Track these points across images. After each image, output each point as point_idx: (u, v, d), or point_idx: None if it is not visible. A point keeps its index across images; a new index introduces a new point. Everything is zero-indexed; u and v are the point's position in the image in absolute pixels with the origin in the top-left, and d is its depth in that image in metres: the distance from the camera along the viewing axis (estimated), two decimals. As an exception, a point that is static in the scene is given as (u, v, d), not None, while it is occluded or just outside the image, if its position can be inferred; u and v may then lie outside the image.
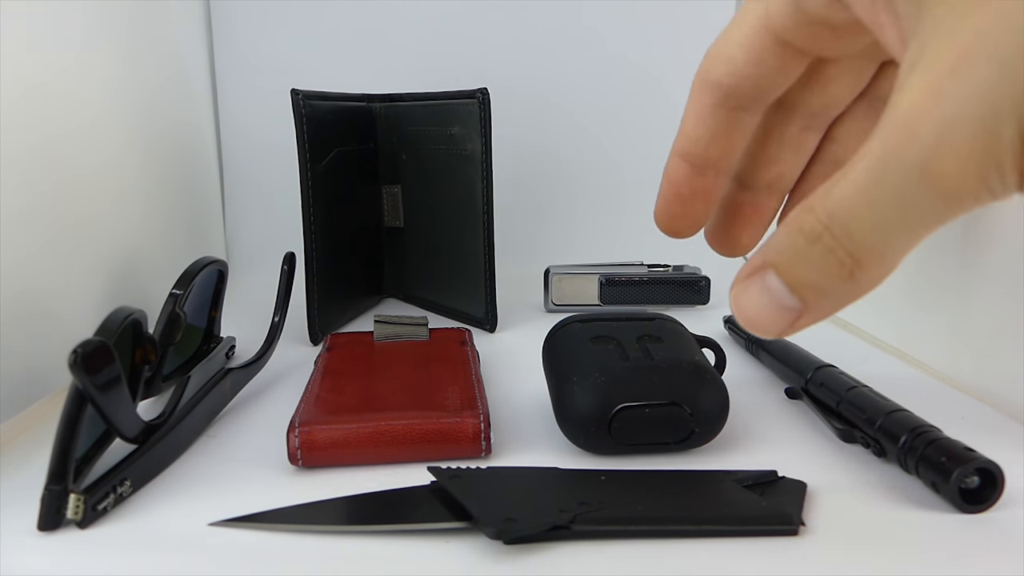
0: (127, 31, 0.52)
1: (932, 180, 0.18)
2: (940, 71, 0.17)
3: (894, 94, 0.19)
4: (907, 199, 0.19)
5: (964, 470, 0.28)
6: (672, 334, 0.38)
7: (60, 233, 0.42)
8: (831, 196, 0.20)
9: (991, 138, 0.17)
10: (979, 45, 0.17)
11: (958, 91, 0.17)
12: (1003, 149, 0.17)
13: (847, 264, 0.20)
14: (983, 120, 0.17)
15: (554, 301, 0.56)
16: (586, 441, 0.34)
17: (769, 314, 0.22)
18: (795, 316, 0.22)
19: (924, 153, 0.18)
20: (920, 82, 0.18)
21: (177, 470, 0.34)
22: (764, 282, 0.22)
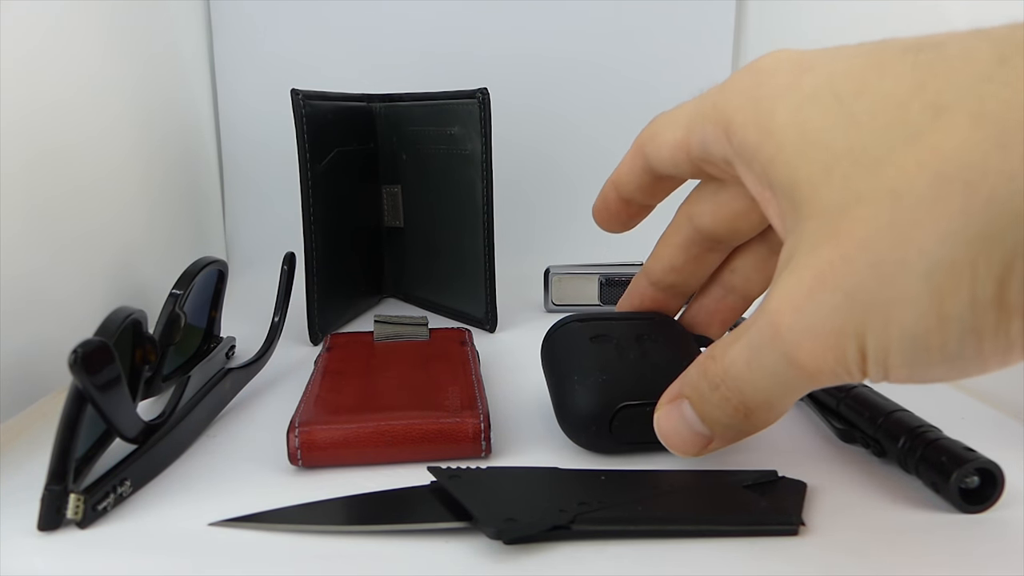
0: (127, 31, 0.52)
1: (795, 367, 0.23)
2: (801, 288, 0.22)
3: (771, 287, 0.24)
4: (778, 375, 0.23)
5: (964, 470, 0.28)
6: (670, 333, 0.38)
7: (60, 233, 0.42)
8: (727, 355, 0.25)
9: (838, 350, 0.21)
10: (831, 274, 0.21)
11: (813, 311, 0.22)
12: (848, 359, 0.21)
13: (741, 410, 0.25)
14: (831, 337, 0.21)
15: (554, 301, 0.56)
16: (587, 440, 0.34)
17: (685, 437, 0.27)
18: (706, 441, 0.27)
19: (787, 349, 0.23)
20: (786, 291, 0.22)
21: (177, 470, 0.34)
22: (680, 410, 0.27)
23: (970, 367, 0.21)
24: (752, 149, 0.24)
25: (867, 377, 0.22)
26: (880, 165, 0.20)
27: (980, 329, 0.19)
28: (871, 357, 0.21)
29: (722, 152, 0.26)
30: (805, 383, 0.23)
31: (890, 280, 0.20)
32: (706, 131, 0.26)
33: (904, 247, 0.20)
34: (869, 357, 0.21)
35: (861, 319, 0.21)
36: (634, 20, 0.70)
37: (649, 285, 0.34)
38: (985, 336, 0.19)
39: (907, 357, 0.21)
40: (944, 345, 0.20)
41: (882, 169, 0.20)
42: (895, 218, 0.20)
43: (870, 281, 0.20)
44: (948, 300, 0.19)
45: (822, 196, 0.22)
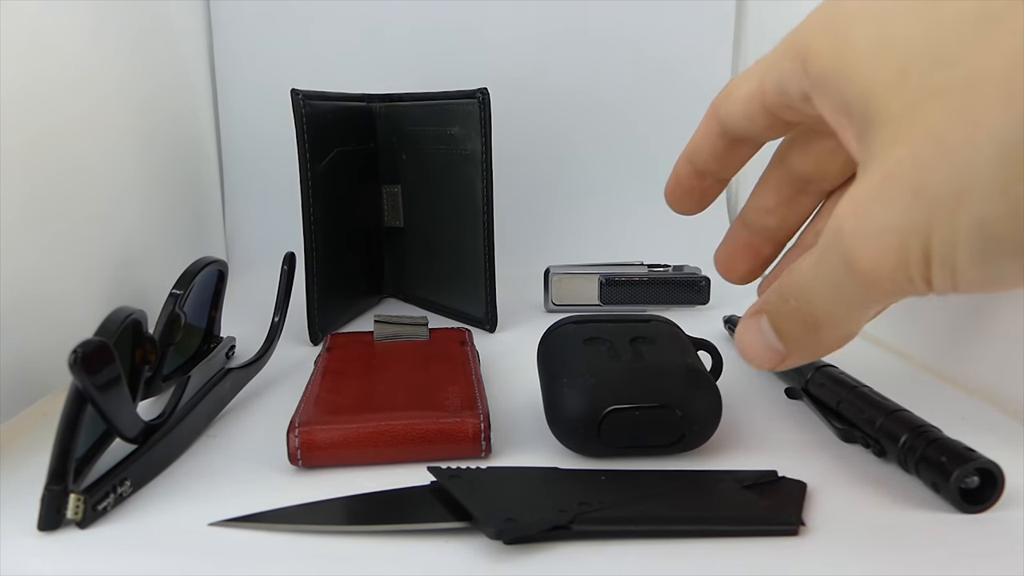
0: (127, 31, 0.52)
1: (854, 272, 0.22)
2: (868, 190, 0.21)
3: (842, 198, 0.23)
4: (839, 283, 0.23)
5: (964, 470, 0.28)
6: (666, 336, 0.38)
7: (60, 233, 0.42)
8: (799, 266, 0.25)
9: (901, 252, 0.21)
10: (899, 173, 0.21)
11: (877, 211, 0.21)
12: (910, 265, 0.21)
13: (810, 323, 0.25)
14: (893, 236, 0.21)
15: (554, 301, 0.56)
16: (576, 443, 0.34)
17: (760, 351, 0.27)
18: (781, 357, 0.27)
19: (847, 252, 0.22)
20: (853, 194, 0.22)
21: (177, 470, 0.34)
22: (759, 324, 0.27)
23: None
24: (829, 72, 0.23)
25: (932, 287, 0.21)
26: (958, 56, 0.19)
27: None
28: (936, 257, 0.20)
29: (799, 87, 0.25)
30: (864, 293, 0.22)
31: (957, 169, 0.19)
32: (782, 69, 0.25)
33: (974, 132, 0.19)
34: (934, 257, 0.20)
35: (927, 216, 0.20)
36: (634, 20, 0.70)
37: (744, 228, 0.32)
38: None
39: (976, 250, 0.19)
40: (1015, 232, 0.19)
41: (960, 59, 0.19)
42: (968, 104, 0.19)
43: (938, 174, 0.20)
44: (1018, 182, 0.18)
45: (896, 100, 0.21)
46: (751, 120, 0.28)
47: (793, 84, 0.25)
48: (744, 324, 0.27)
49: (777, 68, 0.26)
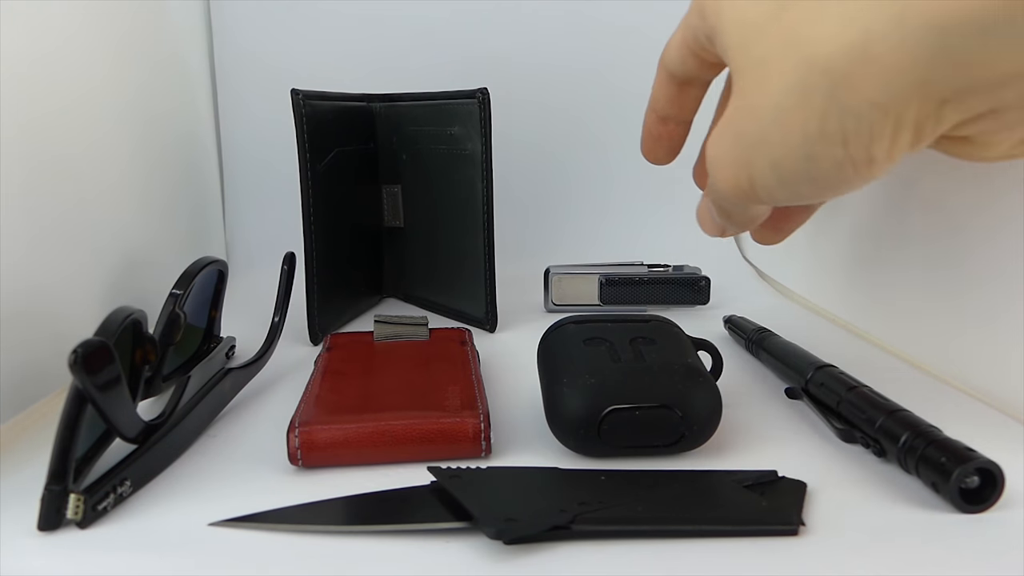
0: (127, 31, 0.52)
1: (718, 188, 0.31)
2: (718, 127, 0.30)
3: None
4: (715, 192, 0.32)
5: (964, 470, 0.28)
6: (666, 336, 0.38)
7: (60, 233, 0.42)
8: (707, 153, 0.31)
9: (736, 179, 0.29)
10: (728, 120, 0.29)
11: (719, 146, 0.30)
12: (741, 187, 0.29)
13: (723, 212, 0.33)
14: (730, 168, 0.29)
15: (554, 301, 0.56)
16: (576, 443, 0.34)
17: (710, 225, 0.36)
18: (721, 229, 0.35)
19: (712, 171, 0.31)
20: (714, 129, 0.30)
21: (177, 470, 0.34)
22: (707, 204, 0.35)
23: (821, 184, 0.27)
24: (713, 26, 0.30)
25: (759, 197, 0.29)
26: (764, 36, 0.27)
27: (814, 155, 0.26)
28: (756, 182, 0.29)
29: (704, 34, 0.31)
30: (730, 200, 0.31)
31: (756, 123, 0.27)
32: (691, 21, 0.32)
33: (765, 98, 0.27)
34: (755, 183, 0.29)
35: (744, 155, 0.28)
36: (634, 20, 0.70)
37: (656, 118, 0.38)
38: (818, 159, 0.26)
39: (777, 179, 0.28)
40: (797, 167, 0.27)
41: (763, 40, 0.27)
42: (762, 76, 0.27)
43: (747, 125, 0.28)
44: (790, 135, 0.26)
45: (740, 61, 0.29)
46: (684, 63, 0.34)
47: (700, 32, 0.32)
48: (702, 201, 0.36)
49: (689, 20, 0.33)
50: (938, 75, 0.23)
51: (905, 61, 0.23)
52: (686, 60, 0.34)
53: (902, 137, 0.25)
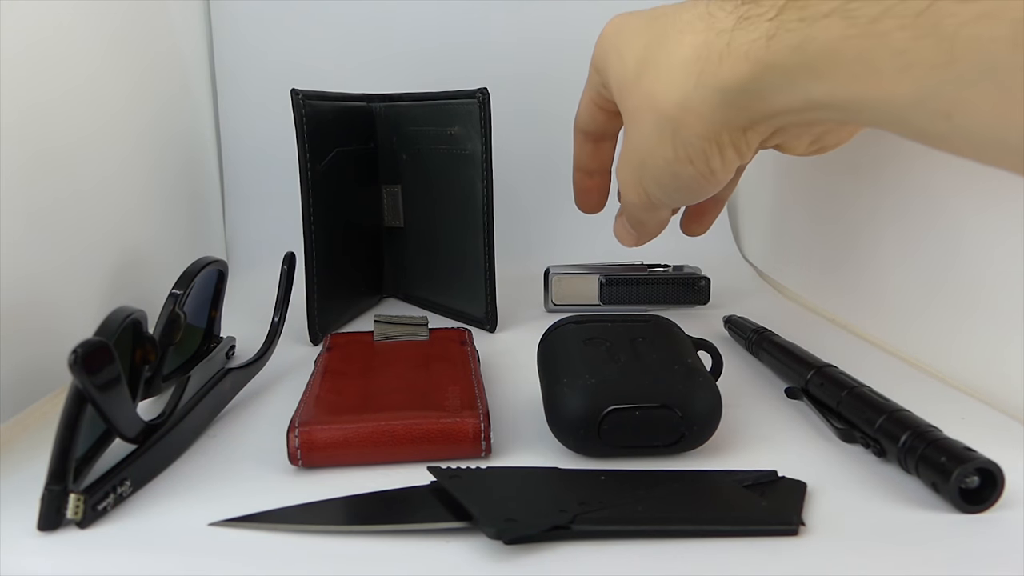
0: (127, 31, 0.52)
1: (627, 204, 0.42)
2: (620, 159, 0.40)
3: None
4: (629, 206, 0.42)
5: (964, 470, 0.28)
6: (666, 336, 0.38)
7: (60, 234, 0.42)
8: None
9: (637, 192, 0.39)
10: (625, 152, 0.39)
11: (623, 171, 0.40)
12: (642, 198, 0.39)
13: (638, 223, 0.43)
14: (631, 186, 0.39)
15: (554, 301, 0.56)
16: (576, 443, 0.34)
17: (626, 236, 0.45)
18: (635, 239, 0.45)
19: (622, 192, 0.41)
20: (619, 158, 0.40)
21: (177, 470, 0.34)
22: (623, 221, 0.45)
23: (690, 190, 0.37)
24: (605, 80, 0.40)
25: (657, 204, 0.39)
26: (631, 94, 0.37)
27: (677, 172, 0.36)
28: (650, 194, 0.39)
29: (603, 82, 0.40)
30: (639, 209, 0.41)
31: (638, 154, 0.37)
32: (593, 79, 0.42)
33: (639, 136, 0.37)
34: (650, 196, 0.39)
35: (636, 175, 0.38)
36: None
37: (581, 174, 0.48)
38: (680, 174, 0.36)
39: (663, 191, 0.38)
40: (669, 181, 0.37)
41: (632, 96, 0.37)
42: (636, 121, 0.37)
43: (633, 156, 0.38)
44: (658, 160, 0.36)
45: (622, 109, 0.38)
46: (595, 119, 0.44)
47: (599, 85, 0.41)
48: (617, 220, 0.46)
49: (591, 79, 0.42)
50: (731, 115, 0.33)
51: (707, 109, 0.33)
52: (596, 116, 0.43)
53: (727, 154, 0.35)
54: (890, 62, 0.26)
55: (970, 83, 0.24)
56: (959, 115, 0.25)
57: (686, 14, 0.35)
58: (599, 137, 0.45)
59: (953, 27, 0.24)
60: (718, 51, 0.32)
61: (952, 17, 0.24)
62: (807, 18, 0.28)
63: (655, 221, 0.43)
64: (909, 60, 0.25)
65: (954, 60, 0.24)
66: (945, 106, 0.25)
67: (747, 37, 0.31)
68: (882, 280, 0.48)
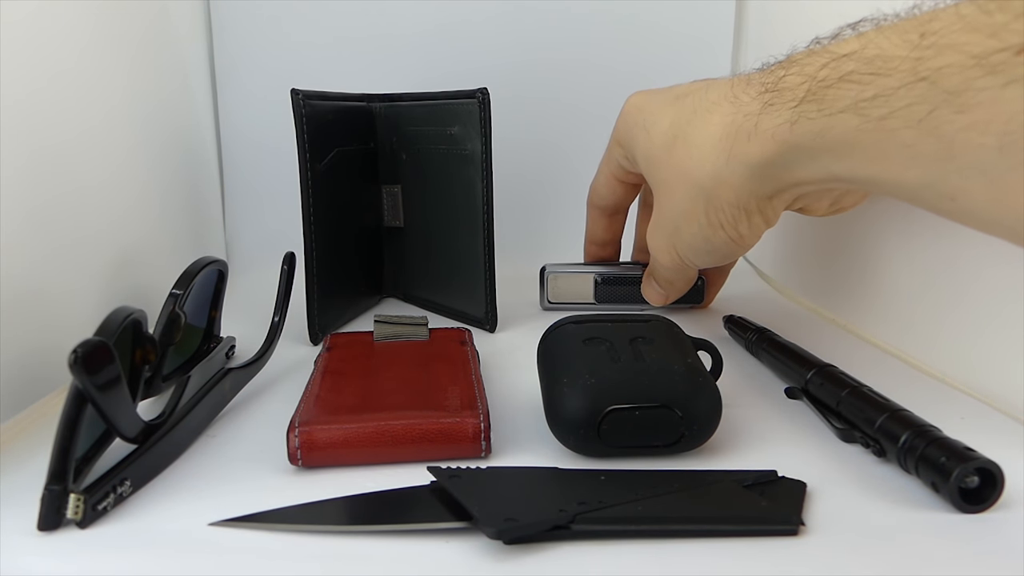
0: (127, 31, 0.52)
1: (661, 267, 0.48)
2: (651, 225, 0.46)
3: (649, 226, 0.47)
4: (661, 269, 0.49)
5: (964, 470, 0.28)
6: (666, 336, 0.38)
7: (60, 234, 0.42)
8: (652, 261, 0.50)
9: (670, 257, 0.45)
10: (656, 220, 0.45)
11: (655, 237, 0.45)
12: (676, 261, 0.45)
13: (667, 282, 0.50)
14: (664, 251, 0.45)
15: (549, 299, 0.56)
16: (576, 443, 0.34)
17: (656, 297, 0.52)
18: (664, 298, 0.52)
19: (654, 257, 0.48)
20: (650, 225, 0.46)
21: (177, 470, 0.34)
22: (652, 283, 0.52)
23: (720, 253, 0.43)
24: (631, 154, 0.46)
25: (688, 265, 0.46)
26: (663, 167, 0.42)
27: (708, 236, 0.42)
28: (683, 256, 0.44)
29: (627, 156, 0.46)
30: (671, 271, 0.47)
31: (672, 221, 0.43)
32: (615, 153, 0.48)
33: (672, 206, 0.42)
34: (684, 259, 0.45)
35: (669, 241, 0.44)
36: (634, 20, 0.70)
37: (595, 247, 0.55)
38: (711, 239, 0.42)
39: (692, 253, 0.44)
40: (701, 245, 0.42)
41: (663, 168, 0.42)
42: (668, 192, 0.42)
43: (667, 223, 0.43)
44: (691, 225, 0.42)
45: (652, 181, 0.44)
46: (613, 192, 0.51)
47: (623, 158, 0.47)
48: (645, 280, 0.52)
49: (611, 154, 0.49)
50: (758, 186, 0.38)
51: (737, 181, 0.38)
52: (615, 189, 0.50)
53: (754, 220, 0.40)
54: (899, 152, 0.30)
55: (968, 176, 0.28)
56: (961, 199, 0.29)
57: (712, 94, 0.40)
58: (614, 211, 0.52)
59: (951, 132, 0.28)
60: (747, 131, 0.37)
61: (949, 124, 0.27)
62: (824, 111, 0.32)
63: (684, 280, 0.49)
64: (916, 152, 0.29)
65: (953, 156, 0.28)
66: (949, 191, 0.29)
67: (773, 122, 0.35)
68: (882, 280, 0.48)
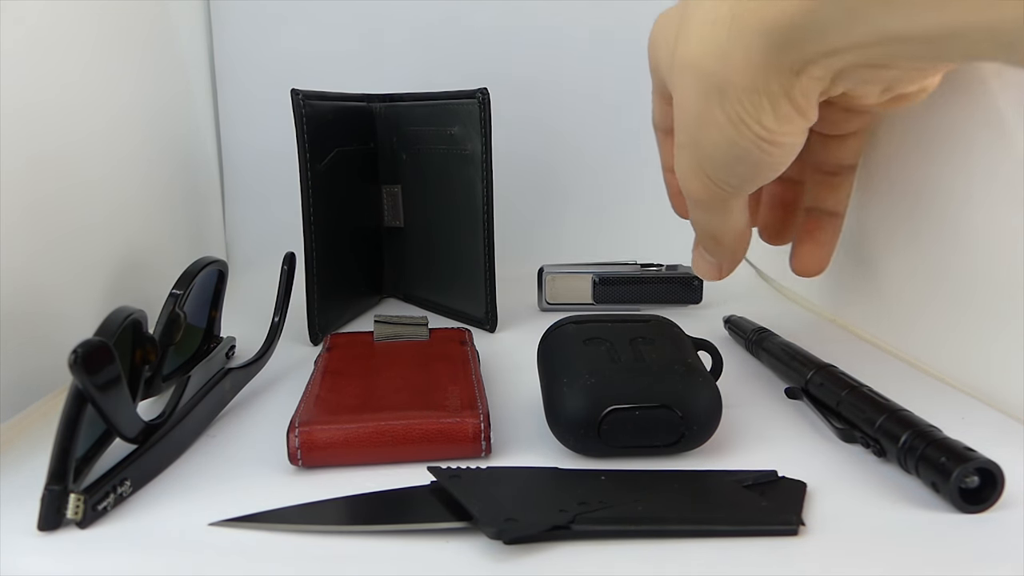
0: (127, 31, 0.52)
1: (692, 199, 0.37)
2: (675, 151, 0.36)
3: None
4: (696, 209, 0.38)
5: (964, 470, 0.28)
6: (666, 336, 0.37)
7: (60, 233, 0.42)
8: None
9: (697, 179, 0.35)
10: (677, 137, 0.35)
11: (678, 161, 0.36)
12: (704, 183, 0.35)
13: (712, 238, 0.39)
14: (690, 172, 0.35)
15: (547, 300, 0.56)
16: (576, 443, 0.34)
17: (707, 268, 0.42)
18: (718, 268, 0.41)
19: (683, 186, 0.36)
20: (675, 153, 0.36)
21: (177, 470, 0.34)
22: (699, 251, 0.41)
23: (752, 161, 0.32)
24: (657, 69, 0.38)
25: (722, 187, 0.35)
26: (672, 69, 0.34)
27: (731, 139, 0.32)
28: (712, 175, 0.34)
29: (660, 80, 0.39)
30: (704, 206, 0.37)
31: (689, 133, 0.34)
32: (654, 81, 0.40)
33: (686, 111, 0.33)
34: (712, 176, 0.34)
35: (694, 159, 0.34)
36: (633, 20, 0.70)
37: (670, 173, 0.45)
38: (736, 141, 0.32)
39: (721, 166, 0.33)
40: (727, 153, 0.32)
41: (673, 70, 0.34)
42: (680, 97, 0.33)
43: (685, 137, 0.34)
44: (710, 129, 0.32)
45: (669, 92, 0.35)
46: (665, 114, 0.40)
47: (657, 79, 0.39)
48: (694, 252, 0.42)
49: (652, 79, 0.40)
50: (778, 59, 0.29)
51: (749, 56, 0.29)
52: (665, 111, 0.40)
53: (780, 107, 0.30)
54: None
55: None
56: None
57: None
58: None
59: None
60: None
61: None
62: None
63: (729, 229, 0.38)
64: None
65: None
66: None
67: None
68: (882, 280, 0.48)
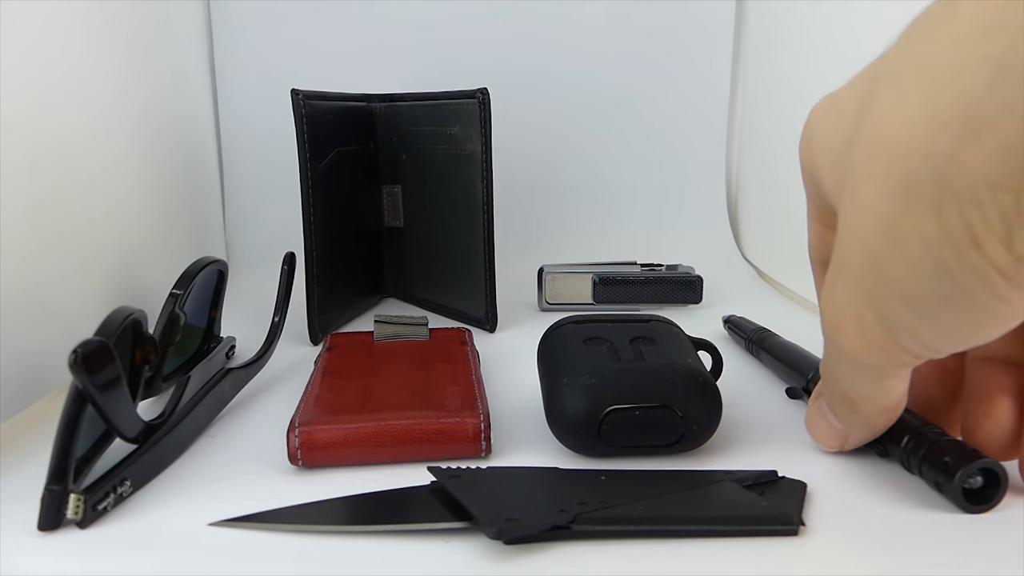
0: (127, 31, 0.52)
1: (841, 352, 0.25)
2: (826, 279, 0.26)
3: None
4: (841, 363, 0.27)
5: (968, 470, 0.28)
6: (667, 336, 0.37)
7: (60, 233, 0.42)
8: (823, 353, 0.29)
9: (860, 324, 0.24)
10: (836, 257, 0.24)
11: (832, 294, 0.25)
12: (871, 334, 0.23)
13: (846, 402, 0.29)
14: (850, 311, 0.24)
15: (547, 300, 0.56)
16: (576, 443, 0.34)
17: (826, 433, 0.32)
18: (843, 437, 0.31)
19: (830, 334, 0.26)
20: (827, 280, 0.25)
21: (177, 470, 0.34)
22: (821, 407, 0.31)
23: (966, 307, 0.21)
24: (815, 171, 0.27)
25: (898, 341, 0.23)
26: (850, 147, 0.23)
27: (944, 265, 0.20)
28: (888, 320, 0.22)
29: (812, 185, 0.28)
30: (863, 371, 0.26)
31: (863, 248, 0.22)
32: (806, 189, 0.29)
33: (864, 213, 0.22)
34: (888, 321, 0.23)
35: (862, 290, 0.23)
36: (633, 20, 0.70)
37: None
38: (951, 270, 0.20)
39: (908, 308, 0.22)
40: (927, 288, 0.21)
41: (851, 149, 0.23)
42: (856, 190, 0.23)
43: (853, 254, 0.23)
44: (906, 246, 0.21)
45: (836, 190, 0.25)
46: (824, 242, 0.30)
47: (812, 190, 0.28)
48: (811, 405, 0.33)
49: (807, 193, 0.29)
50: None
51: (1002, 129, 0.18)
52: (825, 238, 0.29)
53: None
54: None
55: None
56: None
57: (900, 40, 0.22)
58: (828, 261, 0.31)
59: None
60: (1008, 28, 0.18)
61: None
62: None
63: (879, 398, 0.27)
64: None
65: None
66: None
67: None
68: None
